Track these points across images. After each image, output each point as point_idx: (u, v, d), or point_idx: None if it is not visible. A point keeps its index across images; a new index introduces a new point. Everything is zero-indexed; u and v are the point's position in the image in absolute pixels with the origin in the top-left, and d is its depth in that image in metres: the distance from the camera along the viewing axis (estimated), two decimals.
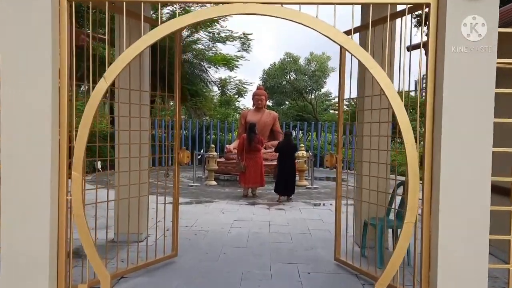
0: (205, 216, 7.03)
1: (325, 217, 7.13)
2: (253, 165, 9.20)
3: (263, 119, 13.54)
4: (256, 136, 9.30)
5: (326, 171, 16.37)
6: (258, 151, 9.33)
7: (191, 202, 8.47)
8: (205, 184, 11.35)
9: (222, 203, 8.42)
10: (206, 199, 8.86)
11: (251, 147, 9.19)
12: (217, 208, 7.79)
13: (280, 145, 9.27)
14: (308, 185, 11.22)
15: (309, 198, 9.31)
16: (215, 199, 8.95)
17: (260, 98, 13.59)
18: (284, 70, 24.08)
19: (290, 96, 25.26)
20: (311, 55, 24.11)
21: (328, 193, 10.29)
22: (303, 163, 11.54)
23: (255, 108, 13.88)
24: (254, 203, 8.59)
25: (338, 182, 4.71)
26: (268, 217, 7.10)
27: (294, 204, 8.52)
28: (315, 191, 10.61)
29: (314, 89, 23.72)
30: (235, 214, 7.25)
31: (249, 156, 9.22)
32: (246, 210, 7.72)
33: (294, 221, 6.75)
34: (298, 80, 23.60)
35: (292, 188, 9.05)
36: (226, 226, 6.23)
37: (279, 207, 8.12)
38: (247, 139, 9.27)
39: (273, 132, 13.95)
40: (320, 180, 13.03)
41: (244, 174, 9.24)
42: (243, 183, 9.32)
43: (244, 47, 18.63)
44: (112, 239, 5.25)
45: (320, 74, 23.19)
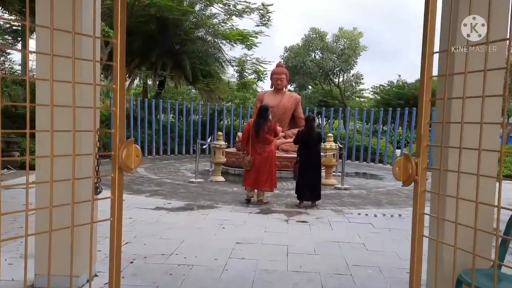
0: (196, 234, 4.98)
1: (368, 240, 4.96)
2: (260, 161, 6.85)
3: (283, 102, 11.33)
4: (267, 124, 6.86)
5: (355, 165, 14.09)
6: (269, 143, 6.92)
7: (185, 208, 6.43)
8: (210, 180, 9.32)
9: (226, 211, 6.36)
10: (205, 203, 6.82)
11: (259, 138, 6.84)
12: (217, 219, 5.73)
13: (299, 134, 7.08)
14: (337, 185, 9.04)
15: (341, 204, 7.14)
16: (218, 203, 6.89)
17: (280, 77, 11.34)
18: (308, 48, 21.44)
19: (315, 77, 22.63)
20: (340, 30, 21.26)
21: (363, 196, 8.09)
22: (331, 157, 9.33)
23: (273, 90, 11.67)
24: (267, 210, 6.50)
25: (417, 213, 2.50)
26: (285, 237, 4.99)
27: (321, 213, 6.39)
28: (346, 193, 8.43)
29: (343, 70, 20.97)
30: (239, 231, 5.18)
31: (256, 149, 6.86)
32: (255, 223, 5.63)
33: (324, 247, 4.62)
34: (325, 60, 20.89)
35: (317, 191, 6.91)
36: (222, 256, 4.16)
37: (301, 219, 6.00)
38: (253, 126, 6.90)
39: (294, 118, 11.73)
40: (349, 177, 10.82)
41: (248, 172, 6.96)
42: (245, 184, 7.07)
43: (263, 21, 16.34)
44: (31, 284, 3.26)
45: (350, 52, 20.37)
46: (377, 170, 12.86)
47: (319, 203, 7.01)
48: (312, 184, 6.82)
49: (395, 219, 6.24)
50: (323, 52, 20.85)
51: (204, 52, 18.53)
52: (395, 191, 8.81)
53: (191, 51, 17.96)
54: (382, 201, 7.58)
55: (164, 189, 8.06)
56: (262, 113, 6.94)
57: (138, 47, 17.17)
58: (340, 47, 21.12)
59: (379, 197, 8.06)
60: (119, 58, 2.19)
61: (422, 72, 2.26)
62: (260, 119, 6.87)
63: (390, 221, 6.08)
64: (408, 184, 2.40)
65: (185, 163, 12.32)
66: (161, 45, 17.63)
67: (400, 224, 5.86)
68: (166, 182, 8.97)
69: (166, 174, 10.22)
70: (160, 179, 9.36)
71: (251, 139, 6.88)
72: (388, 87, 27.96)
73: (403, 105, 23.49)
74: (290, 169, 9.93)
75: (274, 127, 7.00)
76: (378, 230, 5.47)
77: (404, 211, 6.77)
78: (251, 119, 8.09)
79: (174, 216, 5.83)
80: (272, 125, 6.95)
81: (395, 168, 2.43)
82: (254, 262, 4.01)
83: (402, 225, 5.82)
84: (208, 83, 17.08)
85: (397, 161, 2.42)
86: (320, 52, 21.31)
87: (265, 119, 6.86)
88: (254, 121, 6.98)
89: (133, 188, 7.98)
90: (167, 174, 10.25)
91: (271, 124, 6.92)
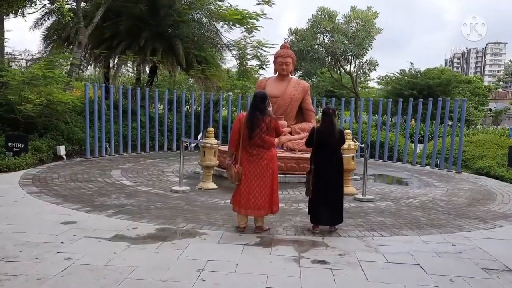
0: None
1: None
2: (254, 173, 4.75)
3: (288, 91, 9.43)
4: (265, 120, 4.73)
5: (371, 163, 12.19)
6: (268, 147, 4.78)
7: (155, 237, 4.60)
8: (198, 188, 7.49)
9: (211, 242, 4.52)
10: (185, 228, 4.99)
11: (253, 140, 4.71)
12: (196, 260, 3.91)
13: (315, 132, 5.15)
14: (358, 195, 7.22)
15: (368, 228, 5.31)
16: (203, 227, 5.06)
17: (285, 61, 9.39)
18: (316, 31, 19.21)
19: (323, 64, 20.44)
20: (353, 10, 19.02)
21: (393, 212, 6.27)
22: (350, 159, 7.50)
23: (277, 76, 9.75)
24: (270, 241, 4.67)
25: None
26: None
27: (345, 245, 4.57)
28: (371, 206, 6.60)
29: (356, 55, 18.75)
30: (228, 285, 3.37)
31: (248, 156, 4.78)
32: (253, 268, 3.80)
33: None
34: (335, 43, 18.67)
35: (338, 211, 5.08)
36: None
37: (318, 256, 4.18)
38: (246, 123, 4.73)
39: (302, 110, 9.84)
40: (368, 181, 8.95)
41: (239, 188, 4.87)
42: (235, 205, 4.93)
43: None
44: None
45: (364, 35, 18.15)
46: (398, 171, 11.01)
47: (339, 227, 5.19)
48: (333, 202, 4.99)
49: (450, 256, 4.39)
50: (333, 35, 18.63)
51: (200, 36, 16.58)
52: (430, 204, 6.99)
53: (184, 34, 16.03)
54: (420, 221, 5.76)
55: (135, 202, 6.23)
56: (257, 105, 4.78)
57: (126, 30, 15.27)
58: (352, 29, 18.88)
59: (413, 213, 6.24)
60: None
61: None
62: (255, 113, 4.73)
63: (445, 261, 4.24)
64: None
65: (173, 163, 10.48)
66: (151, 27, 15.72)
67: (461, 266, 4.05)
68: (142, 191, 7.14)
69: (145, 178, 8.37)
70: (135, 186, 7.52)
71: (242, 141, 4.77)
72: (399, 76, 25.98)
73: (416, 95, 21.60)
74: (296, 173, 8.11)
75: (276, 125, 4.82)
76: (435, 280, 3.66)
77: (456, 239, 4.94)
78: (242, 112, 6.12)
79: (134, 255, 4.01)
80: (273, 122, 4.79)
81: None
82: None
83: (464, 267, 4.02)
84: (204, 70, 15.16)
85: None
86: (329, 35, 19.11)
87: (263, 113, 4.75)
88: (247, 116, 4.78)
89: (95, 201, 6.16)
90: (146, 178, 8.40)
91: (271, 121, 4.76)
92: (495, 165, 10.91)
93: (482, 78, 55.11)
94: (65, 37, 16.10)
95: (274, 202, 4.86)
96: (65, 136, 10.74)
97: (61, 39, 16.28)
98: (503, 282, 3.71)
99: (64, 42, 16.31)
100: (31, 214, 5.31)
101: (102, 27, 14.84)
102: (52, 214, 5.36)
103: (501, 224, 5.78)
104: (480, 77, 50.33)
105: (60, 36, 16.29)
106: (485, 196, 7.87)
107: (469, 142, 13.10)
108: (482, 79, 53.22)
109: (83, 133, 10.93)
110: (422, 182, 9.34)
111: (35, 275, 3.41)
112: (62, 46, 15.76)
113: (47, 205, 5.81)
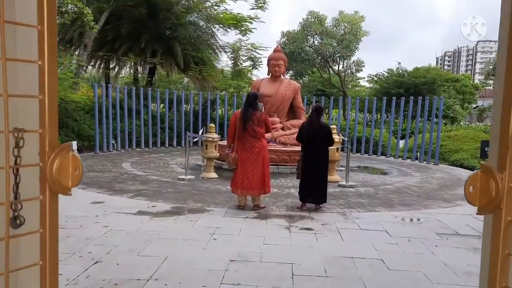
0: (182, 248, 4.16)
1: (387, 254, 4.17)
2: (248, 159, 5.77)
3: (280, 91, 10.46)
4: (256, 114, 5.79)
5: (357, 157, 13.29)
6: (259, 138, 5.81)
7: (171, 213, 5.60)
8: (201, 177, 8.47)
9: (218, 215, 5.53)
10: (195, 206, 5.99)
11: (246, 131, 5.74)
12: (208, 227, 4.91)
13: (305, 128, 6.18)
14: (342, 182, 8.25)
15: (348, 206, 6.35)
16: (210, 205, 6.07)
17: (278, 64, 10.43)
18: (306, 33, 20.36)
19: (313, 65, 21.59)
20: (341, 14, 20.16)
21: (371, 195, 7.31)
22: (335, 151, 8.52)
23: (270, 77, 10.78)
24: (266, 215, 5.69)
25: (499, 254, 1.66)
26: (289, 251, 4.18)
27: (327, 218, 5.59)
28: (352, 191, 7.64)
29: (343, 56, 19.93)
30: (234, 243, 4.36)
31: (243, 145, 5.80)
32: (252, 232, 4.82)
33: (336, 265, 3.82)
34: (324, 45, 19.84)
35: (323, 193, 6.10)
36: (212, 281, 3.35)
37: (305, 225, 5.20)
38: (240, 117, 5.79)
39: (293, 108, 10.87)
40: (352, 172, 9.96)
41: (236, 172, 5.92)
42: (232, 187, 6.00)
43: (259, 4, 15.33)
44: None
45: (351, 38, 19.34)
46: (381, 164, 12.09)
47: (323, 206, 6.21)
48: (318, 185, 6.00)
49: (412, 225, 5.46)
50: (323, 38, 19.79)
51: (197, 38, 17.52)
52: (404, 189, 8.04)
53: (182, 36, 16.96)
54: (393, 201, 6.81)
55: (149, 188, 7.21)
56: (250, 102, 5.88)
57: (126, 33, 16.16)
58: (340, 32, 20.06)
59: (388, 196, 7.29)
60: (46, 16, 1.32)
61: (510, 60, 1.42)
62: (248, 109, 5.79)
63: (408, 228, 5.30)
64: (489, 211, 1.56)
65: (176, 157, 11.46)
66: (151, 30, 16.62)
67: (420, 232, 5.08)
68: (153, 179, 8.12)
69: (153, 169, 9.36)
70: (146, 175, 8.50)
71: (237, 132, 5.80)
72: (387, 75, 27.10)
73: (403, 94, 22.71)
74: (288, 164, 9.15)
75: (265, 119, 5.90)
76: (396, 240, 4.69)
77: (420, 214, 5.99)
78: (237, 110, 7.17)
79: (158, 224, 5.00)
80: (263, 116, 5.87)
81: (468, 187, 1.56)
82: None
83: (422, 232, 5.04)
84: (201, 70, 16.10)
85: (472, 177, 1.54)
86: (319, 37, 20.26)
87: (254, 109, 5.81)
88: (241, 112, 5.88)
89: (114, 187, 7.13)
90: (154, 169, 9.38)
91: (261, 115, 5.84)
92: (469, 157, 12.03)
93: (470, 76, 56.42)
94: (69, 39, 16.92)
95: (266, 185, 5.91)
96: (75, 133, 11.65)
97: (64, 41, 17.10)
98: (451, 241, 4.75)
99: (67, 43, 17.13)
100: (63, 196, 6.24)
101: (105, 30, 15.69)
102: (81, 196, 6.31)
103: (461, 204, 6.82)
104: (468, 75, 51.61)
105: (63, 38, 17.11)
106: (454, 183, 8.95)
107: (447, 137, 14.21)
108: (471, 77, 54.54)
109: (92, 130, 11.85)
110: (401, 172, 10.41)
111: (83, 237, 4.37)
112: (66, 48, 16.58)
113: (75, 190, 6.75)
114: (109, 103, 12.30)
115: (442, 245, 4.57)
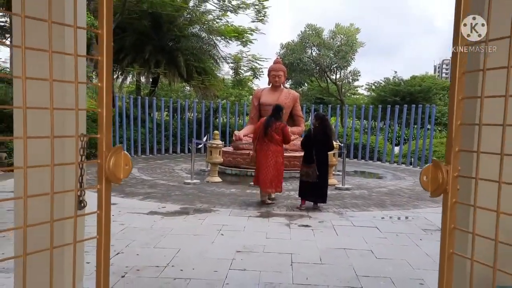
0: (193, 242, 4.67)
1: (376, 246, 4.68)
2: (263, 158, 6.75)
3: (280, 100, 10.99)
4: (276, 123, 6.75)
5: (354, 163, 13.82)
6: (275, 143, 6.72)
7: (180, 212, 6.11)
8: (206, 181, 8.98)
9: (224, 214, 6.04)
10: (202, 207, 6.50)
11: (266, 136, 6.73)
12: (215, 224, 5.41)
13: (309, 136, 6.71)
14: (338, 185, 8.76)
15: (343, 206, 6.85)
16: (215, 206, 6.58)
17: (278, 74, 11.01)
18: (305, 45, 21.12)
19: (312, 74, 22.31)
20: (337, 26, 20.90)
21: (366, 196, 7.81)
22: (332, 155, 9.04)
23: (271, 87, 11.34)
24: (268, 214, 6.19)
25: (447, 228, 2.19)
26: (289, 244, 4.69)
27: (323, 216, 6.10)
28: (348, 193, 8.14)
29: (340, 66, 20.64)
30: (239, 238, 4.87)
31: (260, 147, 6.80)
32: (256, 228, 5.32)
33: (330, 255, 4.33)
34: (322, 56, 20.56)
35: (323, 193, 6.61)
36: (221, 268, 3.85)
37: (303, 222, 5.71)
38: (263, 123, 6.86)
39: (293, 117, 11.42)
40: (349, 176, 10.52)
41: (256, 170, 7.00)
42: (254, 182, 7.08)
43: (259, 17, 15.96)
44: None
45: (347, 49, 20.05)
46: (376, 169, 12.61)
47: (321, 206, 6.71)
48: (319, 185, 6.51)
49: (401, 222, 5.97)
50: (320, 49, 20.53)
51: (199, 48, 18.14)
52: (397, 191, 8.55)
53: (185, 47, 17.58)
54: (385, 202, 7.31)
55: (158, 191, 7.72)
56: (274, 112, 6.90)
57: (131, 44, 16.77)
58: (337, 44, 20.81)
59: (381, 197, 7.79)
60: (105, 50, 1.85)
61: (454, 67, 1.95)
62: (271, 118, 6.81)
63: (396, 225, 5.81)
64: (437, 195, 2.09)
65: (180, 163, 11.97)
66: (155, 41, 17.23)
67: (407, 228, 5.58)
68: (160, 183, 8.62)
69: (160, 174, 9.87)
70: (154, 180, 9.01)
71: (259, 136, 6.84)
72: (384, 84, 27.76)
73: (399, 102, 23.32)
74: (288, 169, 9.65)
75: (284, 128, 6.80)
76: (385, 235, 5.19)
77: (409, 213, 6.50)
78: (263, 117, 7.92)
79: (169, 222, 5.51)
80: (281, 126, 6.77)
81: (423, 177, 2.11)
82: (256, 274, 3.70)
83: (409, 228, 5.55)
84: (203, 80, 16.69)
85: (425, 169, 2.09)
86: (316, 49, 20.99)
87: (276, 119, 6.81)
88: (265, 119, 6.96)
89: (125, 190, 7.63)
90: (161, 174, 9.90)
91: (280, 124, 6.78)
92: None
93: None
94: None
95: (278, 182, 6.82)
96: None
97: None
98: (435, 236, 5.24)
99: None
100: None
101: None
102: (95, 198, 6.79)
103: None
104: None
105: None
106: None
107: (440, 143, 14.75)
108: None
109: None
110: (395, 176, 10.93)
111: None
112: None
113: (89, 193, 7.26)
114: (116, 112, 12.84)
115: (427, 239, 5.07)
